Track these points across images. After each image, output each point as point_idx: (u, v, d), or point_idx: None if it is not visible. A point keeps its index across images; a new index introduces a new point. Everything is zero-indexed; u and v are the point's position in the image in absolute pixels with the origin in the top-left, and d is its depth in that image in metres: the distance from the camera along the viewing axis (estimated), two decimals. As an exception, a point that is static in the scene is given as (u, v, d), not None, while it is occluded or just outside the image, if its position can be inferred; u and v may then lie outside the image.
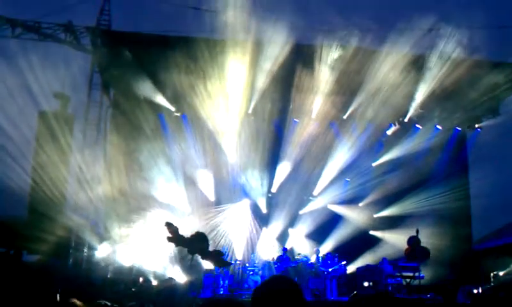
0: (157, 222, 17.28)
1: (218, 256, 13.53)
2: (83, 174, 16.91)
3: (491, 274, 17.82)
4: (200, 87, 17.66)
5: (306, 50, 17.16)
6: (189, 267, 14.55)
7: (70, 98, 17.40)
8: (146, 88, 17.28)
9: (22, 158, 16.27)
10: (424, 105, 18.83)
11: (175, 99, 18.13)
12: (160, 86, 17.54)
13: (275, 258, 16.75)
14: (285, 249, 17.24)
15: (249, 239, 18.79)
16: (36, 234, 14.95)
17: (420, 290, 16.12)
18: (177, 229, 12.89)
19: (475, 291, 15.21)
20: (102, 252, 16.31)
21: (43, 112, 16.98)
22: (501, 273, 17.09)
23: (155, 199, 17.86)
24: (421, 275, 16.31)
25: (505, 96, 19.71)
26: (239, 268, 17.20)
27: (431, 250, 17.16)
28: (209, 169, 18.78)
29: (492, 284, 16.91)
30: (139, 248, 16.36)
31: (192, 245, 12.88)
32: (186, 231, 13.28)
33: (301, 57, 17.11)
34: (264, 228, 19.08)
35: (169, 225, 13.07)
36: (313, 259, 17.04)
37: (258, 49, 16.60)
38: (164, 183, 18.15)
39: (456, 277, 17.26)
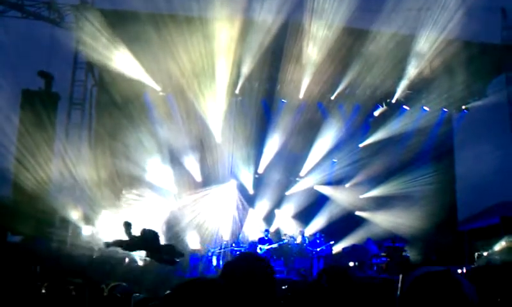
0: (143, 203, 17.30)
1: (169, 251, 13.33)
2: (68, 154, 16.75)
3: (476, 254, 18.01)
4: (186, 67, 17.49)
5: (294, 29, 16.99)
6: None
7: (54, 77, 17.11)
8: (131, 67, 17.05)
9: (6, 138, 16.05)
10: (411, 87, 18.84)
11: (160, 78, 17.93)
12: (145, 65, 17.31)
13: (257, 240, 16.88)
14: (267, 231, 17.33)
15: (236, 220, 18.79)
16: (21, 214, 14.84)
17: (404, 269, 16.27)
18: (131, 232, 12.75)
19: (459, 271, 15.36)
20: (87, 232, 16.21)
21: (26, 90, 16.71)
22: (485, 253, 17.26)
23: (141, 179, 17.76)
24: (406, 255, 16.50)
25: (492, 78, 19.77)
26: (225, 249, 17.20)
27: (416, 231, 17.37)
28: (196, 149, 18.67)
29: (476, 264, 17.08)
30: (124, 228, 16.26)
31: (142, 246, 12.72)
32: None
33: (288, 37, 16.95)
34: (251, 209, 19.10)
35: (127, 225, 12.86)
36: (299, 239, 17.12)
37: (245, 28, 16.44)
38: (150, 164, 18.06)
39: (440, 258, 17.43)
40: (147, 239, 12.76)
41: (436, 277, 2.31)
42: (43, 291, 6.06)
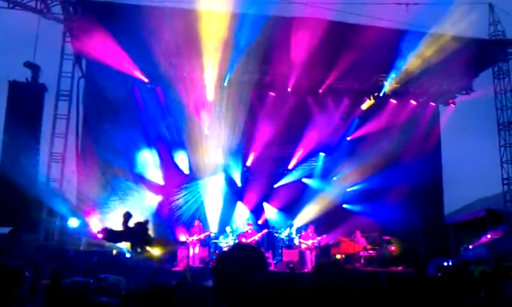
0: (130, 195, 17.27)
1: (162, 242, 13.38)
2: (55, 145, 16.62)
3: (461, 247, 18.22)
4: (175, 59, 17.45)
5: (282, 22, 16.95)
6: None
7: (41, 68, 16.96)
8: (119, 59, 16.93)
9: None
10: (398, 80, 18.93)
11: (149, 71, 17.85)
12: (134, 57, 17.20)
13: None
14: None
15: (224, 212, 18.77)
16: (8, 206, 14.74)
17: (391, 262, 16.46)
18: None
19: (445, 264, 15.51)
20: (74, 224, 16.12)
21: (13, 82, 16.55)
22: (470, 246, 17.47)
23: (128, 172, 17.70)
24: (392, 248, 16.67)
25: (479, 73, 19.92)
26: (212, 241, 17.23)
27: (403, 223, 17.50)
28: (184, 142, 18.62)
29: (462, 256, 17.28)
30: (111, 220, 16.21)
31: (135, 237, 12.72)
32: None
33: (277, 30, 16.91)
34: (239, 202, 19.10)
35: (126, 216, 12.83)
36: (287, 232, 17.20)
37: (234, 21, 16.38)
38: (137, 156, 18.02)
39: (426, 250, 17.60)
40: (135, 231, 12.76)
41: None
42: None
